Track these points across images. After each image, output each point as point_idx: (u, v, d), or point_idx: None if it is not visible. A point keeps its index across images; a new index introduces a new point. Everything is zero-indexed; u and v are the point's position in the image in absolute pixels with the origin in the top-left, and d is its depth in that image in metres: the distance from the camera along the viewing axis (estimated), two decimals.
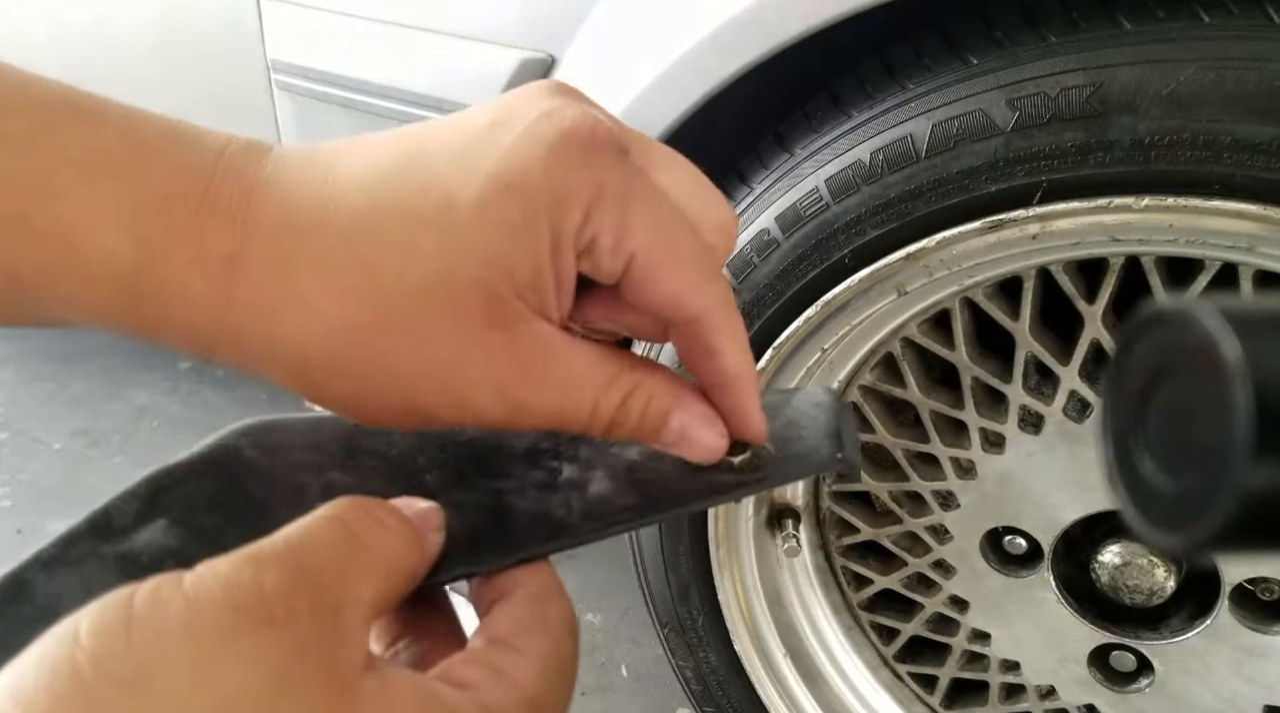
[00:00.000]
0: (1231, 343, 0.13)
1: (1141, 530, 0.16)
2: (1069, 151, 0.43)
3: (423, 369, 0.17)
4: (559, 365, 0.18)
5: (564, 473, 0.23)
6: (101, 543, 0.20)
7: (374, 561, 0.17)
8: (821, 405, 0.25)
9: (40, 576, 0.20)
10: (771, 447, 0.24)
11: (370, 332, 0.17)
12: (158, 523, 0.21)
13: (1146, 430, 0.16)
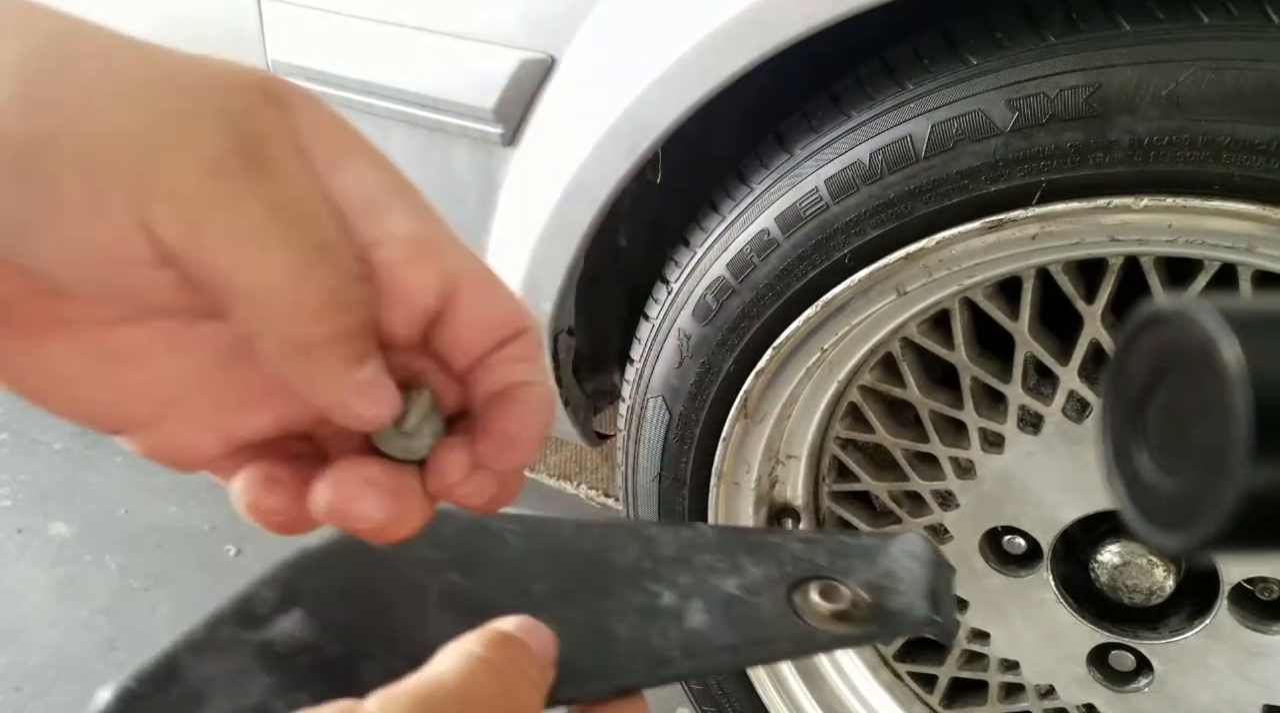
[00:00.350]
0: (1230, 343, 0.13)
1: (1140, 530, 0.16)
2: (1068, 152, 0.43)
3: (46, 222, 0.15)
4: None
5: (663, 599, 0.23)
6: (244, 629, 0.21)
7: (515, 708, 0.19)
8: (918, 558, 0.25)
9: (191, 659, 0.21)
10: (866, 595, 0.24)
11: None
12: (294, 613, 0.22)
13: (1146, 431, 0.16)
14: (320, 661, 0.21)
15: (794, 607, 0.23)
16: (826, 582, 0.24)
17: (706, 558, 0.25)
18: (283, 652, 0.21)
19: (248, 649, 0.21)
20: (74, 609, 0.98)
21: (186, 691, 0.20)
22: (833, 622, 0.23)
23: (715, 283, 0.56)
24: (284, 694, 0.20)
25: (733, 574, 0.24)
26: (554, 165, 0.57)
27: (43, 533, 1.08)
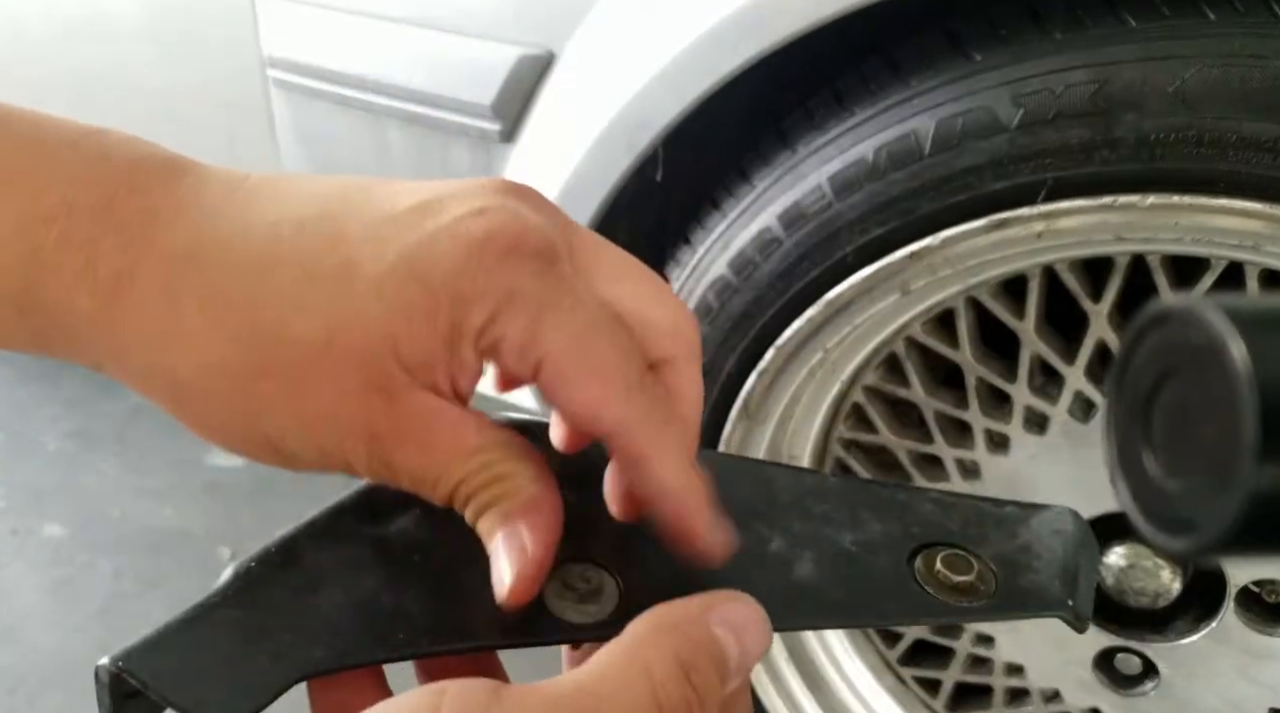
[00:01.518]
0: (1238, 343, 0.13)
1: (1146, 533, 0.16)
2: (1074, 149, 0.43)
3: (292, 415, 0.18)
4: (429, 428, 0.18)
5: (772, 544, 0.22)
6: (361, 524, 0.21)
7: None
8: (1062, 535, 0.24)
9: (310, 545, 0.21)
10: (998, 571, 0.22)
11: (245, 374, 0.17)
12: (413, 511, 0.21)
13: (1152, 431, 0.16)
14: (428, 561, 0.21)
15: (913, 572, 0.22)
16: (954, 550, 0.22)
17: (825, 507, 0.23)
18: (396, 548, 0.21)
19: (364, 542, 0.21)
20: (68, 612, 0.97)
21: (303, 575, 0.20)
22: (954, 593, 0.22)
23: (717, 281, 0.56)
24: (392, 589, 0.20)
25: (851, 529, 0.23)
26: (553, 162, 0.56)
27: (37, 535, 1.07)
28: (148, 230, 0.17)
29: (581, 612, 0.20)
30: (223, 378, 0.17)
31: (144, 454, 1.18)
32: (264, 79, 0.66)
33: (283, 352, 0.17)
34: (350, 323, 0.17)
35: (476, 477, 0.19)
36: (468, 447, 0.19)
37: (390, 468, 0.18)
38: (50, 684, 0.89)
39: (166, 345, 0.17)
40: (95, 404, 1.27)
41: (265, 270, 0.17)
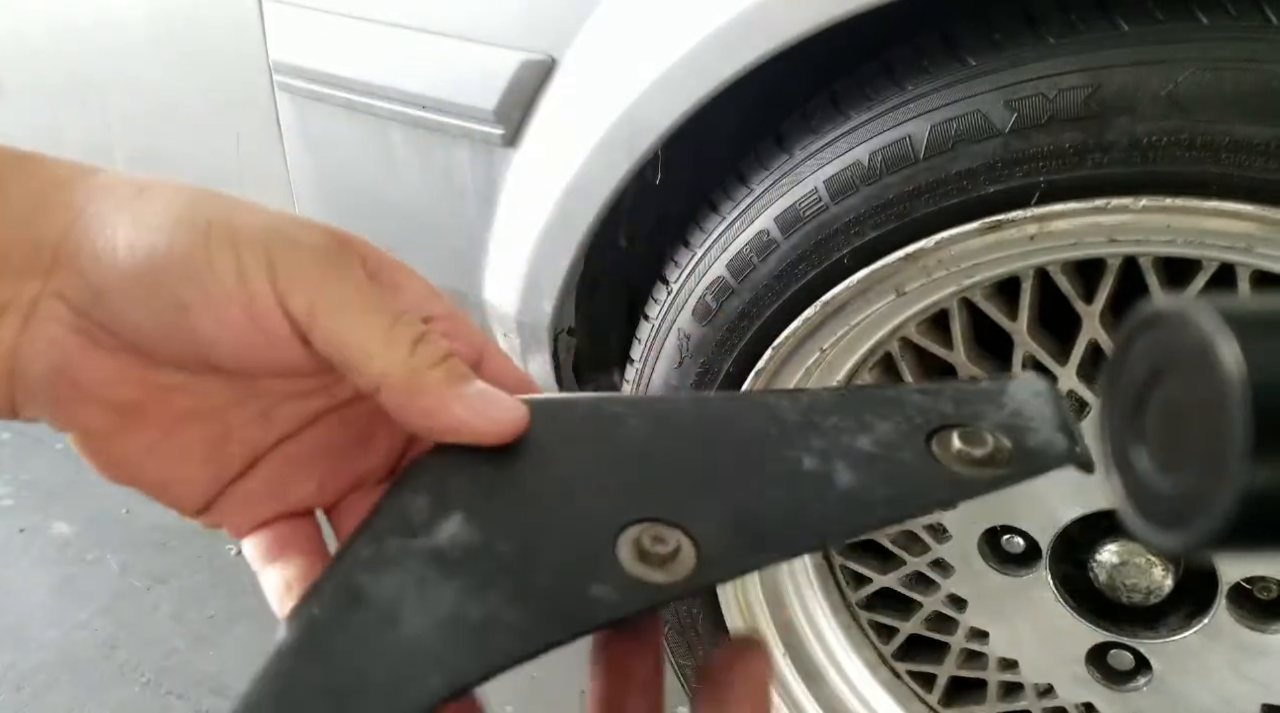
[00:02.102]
0: (1229, 344, 0.13)
1: (1139, 530, 0.16)
2: (1067, 152, 0.44)
3: (207, 301, 0.21)
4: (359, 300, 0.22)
5: (804, 464, 0.22)
6: (408, 540, 0.20)
7: None
8: (1041, 395, 0.24)
9: (368, 577, 0.20)
10: (1005, 437, 0.23)
11: (160, 270, 0.20)
12: (454, 517, 0.21)
13: (1144, 430, 0.16)
14: (497, 559, 0.20)
15: (936, 456, 0.22)
16: (965, 428, 0.23)
17: (832, 420, 0.23)
18: (457, 556, 0.20)
19: (420, 559, 0.20)
20: (76, 609, 0.98)
21: (374, 610, 0.19)
22: (979, 467, 0.22)
23: (715, 283, 0.56)
24: (476, 596, 0.19)
25: (863, 433, 0.23)
26: (554, 166, 0.57)
27: (45, 532, 1.08)
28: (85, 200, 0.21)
29: (666, 573, 0.20)
30: (148, 277, 0.20)
31: None
32: (270, 84, 0.67)
33: (201, 249, 0.21)
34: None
35: (418, 343, 0.22)
36: (392, 315, 0.22)
37: (324, 338, 0.21)
38: (57, 680, 0.90)
39: (100, 260, 0.20)
40: None
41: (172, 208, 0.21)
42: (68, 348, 0.21)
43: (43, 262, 0.21)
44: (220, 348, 0.21)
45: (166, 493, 0.24)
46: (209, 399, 0.23)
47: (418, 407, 0.22)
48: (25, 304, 0.21)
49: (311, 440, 0.25)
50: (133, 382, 0.22)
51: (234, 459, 0.24)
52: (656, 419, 0.24)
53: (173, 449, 0.23)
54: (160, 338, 0.21)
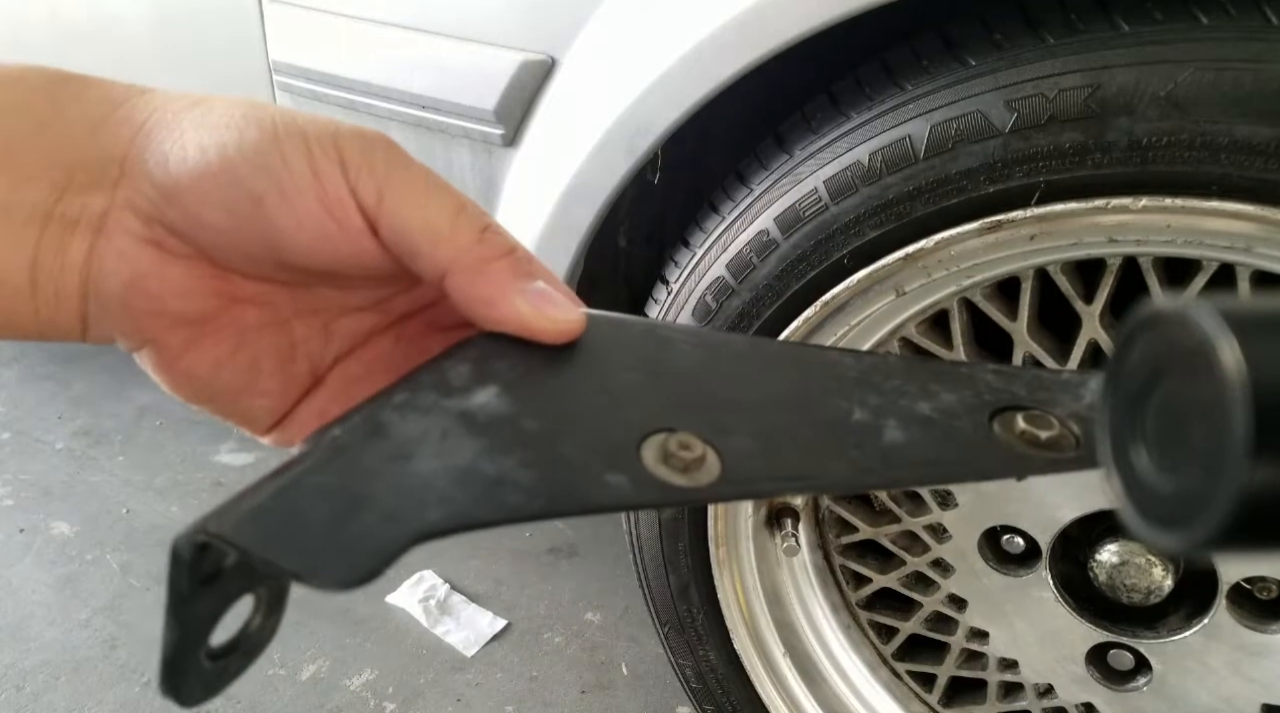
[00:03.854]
0: (1229, 344, 0.13)
1: (1138, 530, 0.16)
2: (1067, 153, 0.43)
3: (281, 193, 0.21)
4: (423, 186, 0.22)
5: (855, 415, 0.22)
6: (442, 397, 0.21)
7: None
8: None
9: (394, 416, 0.20)
10: (1075, 427, 0.22)
11: (233, 166, 0.21)
12: (490, 388, 0.21)
13: (1144, 430, 0.16)
14: (521, 432, 0.20)
15: (995, 433, 0.22)
16: (1030, 413, 0.22)
17: (894, 382, 0.23)
18: (483, 421, 0.20)
19: (449, 415, 0.20)
20: (76, 609, 0.98)
21: (393, 445, 0.19)
22: (1040, 449, 0.21)
23: (715, 283, 0.56)
24: (492, 457, 0.19)
25: (925, 399, 0.23)
26: (554, 166, 0.57)
27: (45, 532, 1.08)
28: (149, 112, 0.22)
29: (688, 479, 0.20)
30: (218, 174, 0.21)
31: (151, 452, 1.19)
32: (270, 84, 0.67)
33: (268, 145, 0.21)
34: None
35: (485, 232, 0.22)
36: (456, 205, 0.22)
37: (388, 224, 0.22)
38: (57, 680, 0.90)
39: (171, 157, 0.21)
40: (102, 403, 1.28)
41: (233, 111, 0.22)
42: (139, 259, 0.21)
43: (109, 176, 0.21)
44: (295, 241, 0.21)
45: (237, 409, 0.24)
46: (277, 312, 0.24)
47: (481, 294, 0.22)
48: (94, 218, 0.21)
49: (370, 357, 0.25)
50: (205, 293, 0.22)
51: (301, 374, 0.24)
52: (709, 350, 0.23)
53: (243, 362, 0.23)
54: (235, 234, 0.21)
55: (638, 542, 0.67)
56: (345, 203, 0.21)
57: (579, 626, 0.95)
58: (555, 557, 1.04)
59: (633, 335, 0.23)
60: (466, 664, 0.91)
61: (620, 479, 0.19)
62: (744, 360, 0.24)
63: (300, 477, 0.18)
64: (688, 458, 0.20)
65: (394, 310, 0.25)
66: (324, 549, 0.17)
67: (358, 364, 0.25)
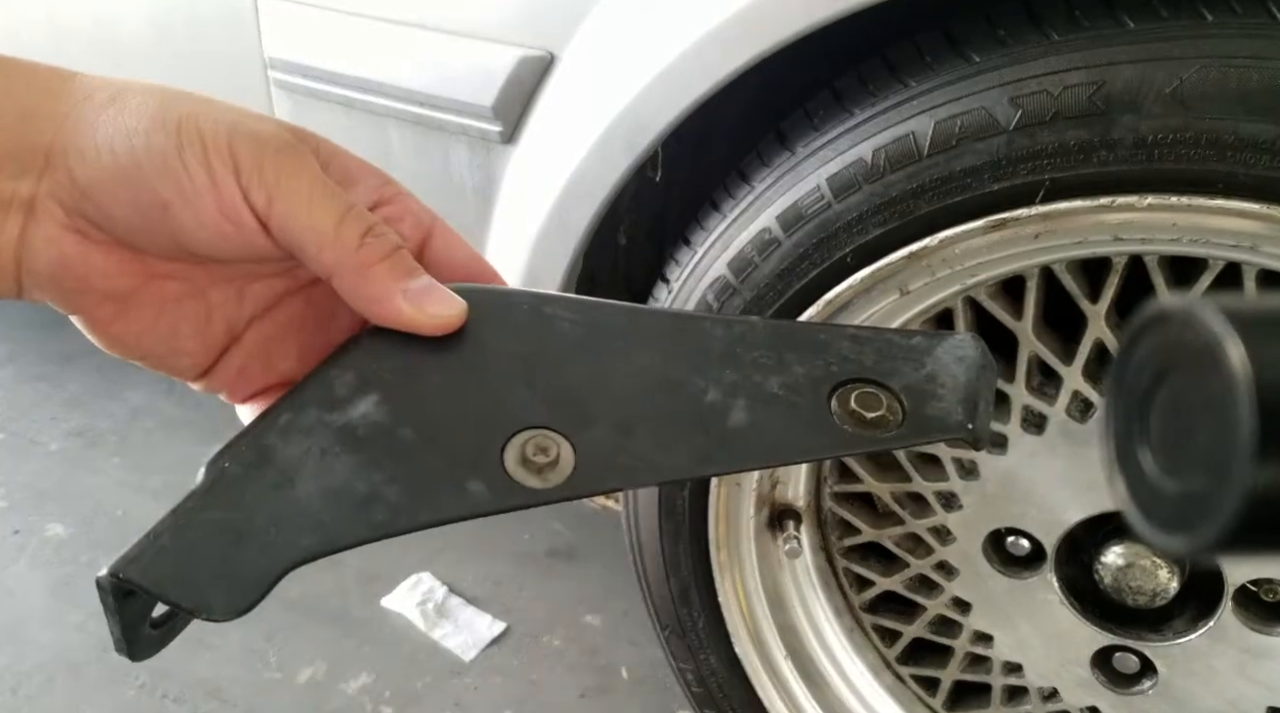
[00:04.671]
0: (1235, 344, 0.13)
1: (1144, 532, 0.16)
2: (1072, 150, 0.43)
3: (184, 199, 0.23)
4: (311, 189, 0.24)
5: (709, 395, 0.24)
6: (325, 412, 0.23)
7: None
8: (964, 361, 0.25)
9: (278, 441, 0.22)
10: (906, 401, 0.24)
11: (141, 171, 0.23)
12: (371, 396, 0.23)
13: (1149, 431, 0.16)
14: (395, 443, 0.22)
15: (831, 410, 0.24)
16: (865, 390, 0.25)
17: (754, 355, 0.25)
18: (361, 435, 0.22)
19: (329, 432, 0.22)
20: (70, 611, 0.97)
21: (277, 470, 0.22)
22: (867, 428, 0.24)
23: (716, 282, 0.56)
24: (364, 474, 0.22)
25: (778, 372, 0.25)
26: (553, 163, 0.56)
27: (39, 534, 1.07)
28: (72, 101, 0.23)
29: (543, 480, 0.22)
30: (128, 175, 0.22)
31: (145, 453, 1.19)
32: (266, 80, 0.67)
33: (174, 151, 0.23)
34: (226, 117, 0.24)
35: (366, 235, 0.24)
36: (343, 206, 0.24)
37: (278, 227, 0.23)
38: (53, 682, 0.89)
39: (86, 157, 0.23)
40: (96, 404, 1.27)
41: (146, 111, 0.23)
42: (64, 244, 0.23)
43: (36, 164, 0.23)
44: (199, 239, 0.24)
45: (164, 365, 0.26)
46: (194, 284, 0.26)
47: (364, 296, 0.24)
48: (24, 202, 0.23)
49: (283, 318, 0.27)
50: (126, 273, 0.24)
51: (218, 335, 0.27)
52: (589, 327, 0.26)
53: (165, 328, 0.26)
54: (145, 230, 0.23)
55: (638, 544, 0.67)
56: (239, 207, 0.23)
57: (578, 629, 0.94)
58: (554, 559, 1.04)
59: (518, 317, 0.25)
60: (465, 668, 0.91)
61: (479, 487, 0.22)
62: (621, 337, 0.26)
63: (195, 515, 0.21)
64: (542, 462, 0.22)
65: (302, 277, 0.27)
66: (211, 587, 0.20)
67: (272, 324, 0.27)
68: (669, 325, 0.26)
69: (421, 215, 0.27)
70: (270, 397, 0.27)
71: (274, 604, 1.07)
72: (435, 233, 0.27)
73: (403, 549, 1.01)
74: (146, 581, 0.20)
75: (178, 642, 0.22)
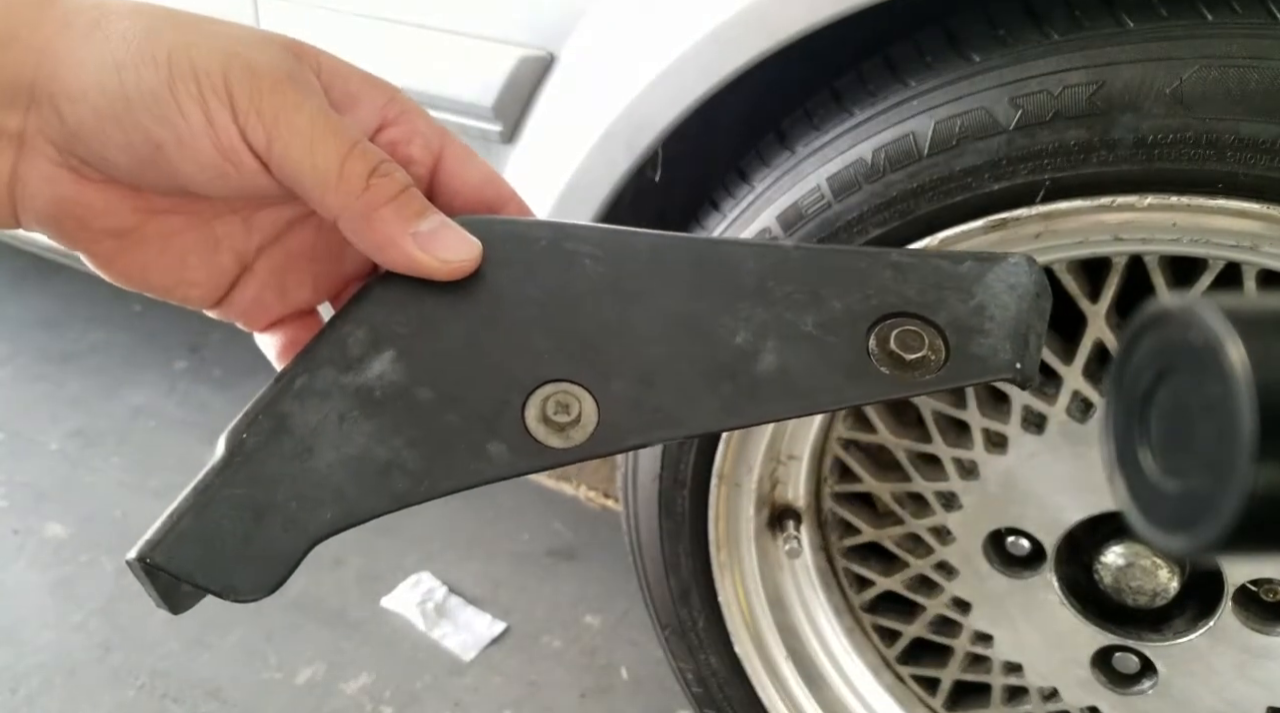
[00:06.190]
0: (1235, 343, 0.13)
1: (1144, 532, 0.16)
2: (1072, 150, 0.43)
3: (178, 140, 0.22)
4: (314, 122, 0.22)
5: (738, 337, 0.23)
6: (340, 374, 0.22)
7: None
8: (1017, 290, 0.23)
9: (295, 406, 0.22)
10: (950, 338, 0.22)
11: (133, 111, 0.21)
12: (386, 354, 0.22)
13: (1149, 431, 0.16)
14: (414, 404, 0.22)
15: (869, 350, 0.23)
16: (907, 326, 0.23)
17: (787, 288, 0.23)
18: (379, 396, 0.22)
19: (347, 395, 0.22)
20: (70, 611, 0.97)
21: (295, 440, 0.21)
22: (906, 370, 0.22)
23: None
24: (383, 439, 0.21)
25: (811, 309, 0.23)
26: (553, 163, 0.56)
27: (39, 534, 1.07)
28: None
29: (565, 439, 0.21)
30: (117, 107, 0.21)
31: (145, 454, 1.19)
32: None
33: (162, 81, 0.22)
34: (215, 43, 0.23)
35: (373, 173, 0.23)
36: (349, 141, 0.23)
37: (277, 162, 0.22)
38: (52, 683, 0.89)
39: (78, 86, 0.21)
40: (96, 404, 1.27)
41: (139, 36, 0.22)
42: (59, 183, 0.22)
43: (21, 98, 0.22)
44: (196, 179, 0.22)
45: (174, 295, 0.25)
46: (197, 217, 0.25)
47: (372, 241, 0.23)
48: (13, 136, 0.22)
49: (295, 246, 0.26)
50: (126, 211, 0.23)
51: (227, 264, 0.26)
52: (611, 264, 0.24)
53: (171, 261, 0.25)
54: (140, 171, 0.22)
55: (638, 544, 0.67)
56: (237, 148, 0.22)
57: (578, 629, 0.94)
58: (554, 559, 1.03)
59: (536, 255, 0.24)
60: (464, 668, 0.91)
61: (500, 448, 0.21)
62: (646, 273, 0.24)
63: (216, 492, 0.20)
64: (564, 421, 0.22)
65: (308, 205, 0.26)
66: (236, 567, 0.20)
67: (282, 253, 0.26)
68: (698, 256, 0.24)
69: (431, 136, 0.25)
70: (288, 326, 0.26)
71: (273, 604, 1.06)
72: (447, 153, 0.25)
73: (403, 549, 1.01)
74: (171, 564, 0.19)
75: (177, 643, 0.22)
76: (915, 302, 0.23)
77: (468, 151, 0.26)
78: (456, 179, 0.25)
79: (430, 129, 0.25)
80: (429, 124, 0.26)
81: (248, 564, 0.19)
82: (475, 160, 0.26)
